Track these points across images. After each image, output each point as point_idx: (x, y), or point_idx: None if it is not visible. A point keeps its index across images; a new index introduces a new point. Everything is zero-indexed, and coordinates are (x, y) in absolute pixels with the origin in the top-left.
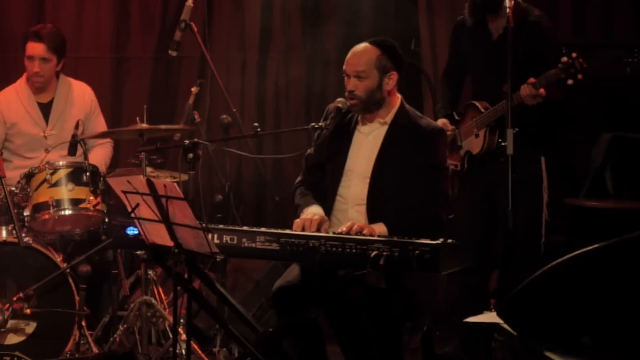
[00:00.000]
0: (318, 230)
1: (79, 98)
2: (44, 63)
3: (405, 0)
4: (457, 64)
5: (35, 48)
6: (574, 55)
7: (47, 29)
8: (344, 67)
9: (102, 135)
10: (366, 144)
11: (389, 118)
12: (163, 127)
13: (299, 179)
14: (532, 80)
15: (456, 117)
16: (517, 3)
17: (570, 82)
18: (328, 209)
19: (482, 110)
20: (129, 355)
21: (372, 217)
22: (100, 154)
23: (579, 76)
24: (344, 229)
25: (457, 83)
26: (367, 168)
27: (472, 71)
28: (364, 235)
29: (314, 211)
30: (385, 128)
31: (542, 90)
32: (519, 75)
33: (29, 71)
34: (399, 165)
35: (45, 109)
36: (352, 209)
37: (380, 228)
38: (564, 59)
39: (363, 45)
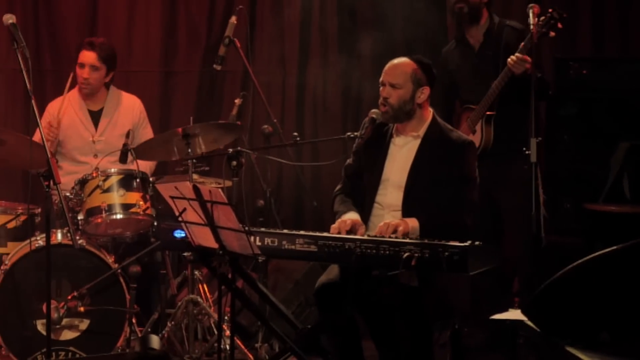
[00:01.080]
0: (353, 233)
1: (129, 109)
2: (93, 71)
3: (436, 24)
4: (451, 89)
5: (87, 56)
6: (550, 10)
7: (100, 40)
8: (381, 77)
9: (150, 145)
10: (400, 155)
11: (421, 132)
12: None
13: (338, 187)
14: (521, 45)
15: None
16: (492, 16)
17: (552, 34)
18: (366, 215)
19: (474, 108)
20: (163, 357)
21: None
22: (148, 162)
23: (559, 25)
24: (379, 230)
25: (452, 108)
26: (402, 178)
27: (462, 84)
28: (397, 236)
29: (350, 217)
30: (418, 141)
31: (527, 57)
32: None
33: (78, 77)
34: (431, 176)
35: (95, 116)
36: (387, 214)
37: (413, 222)
38: (542, 17)
39: (402, 58)
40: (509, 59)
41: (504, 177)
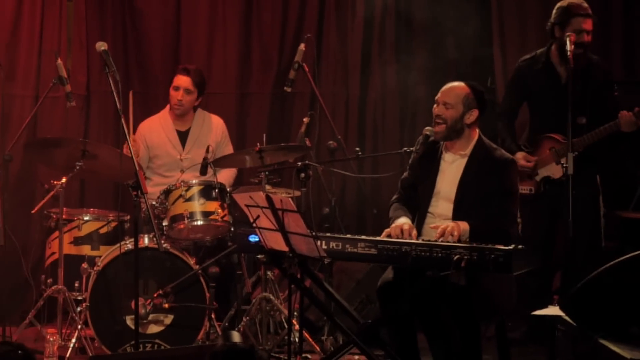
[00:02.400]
0: (408, 237)
1: (213, 128)
2: (186, 94)
3: (484, 46)
4: (518, 102)
5: (182, 80)
6: None
7: (194, 67)
8: (437, 96)
9: (228, 159)
10: (449, 171)
11: (468, 150)
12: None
13: (394, 197)
14: (637, 109)
15: (525, 149)
16: (584, 52)
17: None
18: (420, 223)
19: (562, 141)
20: (249, 351)
21: None
22: (226, 175)
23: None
24: (437, 233)
25: (515, 119)
26: (452, 191)
27: (541, 106)
28: (449, 241)
29: (403, 221)
30: (465, 159)
31: None
32: (591, 109)
33: (172, 99)
34: (477, 190)
35: (183, 136)
36: (439, 222)
37: (464, 225)
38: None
39: (459, 82)
40: (622, 116)
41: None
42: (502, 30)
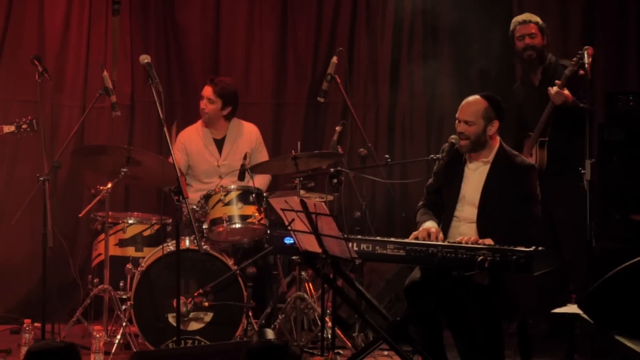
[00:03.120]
0: (435, 239)
1: (247, 135)
2: (209, 103)
3: (508, 56)
4: (518, 121)
5: (206, 90)
6: (574, 58)
7: (220, 78)
8: (457, 114)
9: (265, 165)
10: (473, 177)
11: (490, 158)
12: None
13: (420, 202)
14: (557, 82)
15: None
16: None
17: (581, 72)
18: (446, 226)
19: (530, 134)
20: (283, 347)
21: (481, 233)
22: (263, 180)
23: (587, 66)
24: (462, 240)
25: (521, 137)
26: (476, 196)
27: (527, 116)
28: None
29: (429, 225)
30: (488, 166)
31: (565, 91)
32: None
33: (200, 108)
34: (500, 195)
35: (219, 144)
36: (463, 226)
37: (489, 242)
38: (574, 59)
39: (475, 97)
40: (549, 90)
41: (558, 193)
42: None
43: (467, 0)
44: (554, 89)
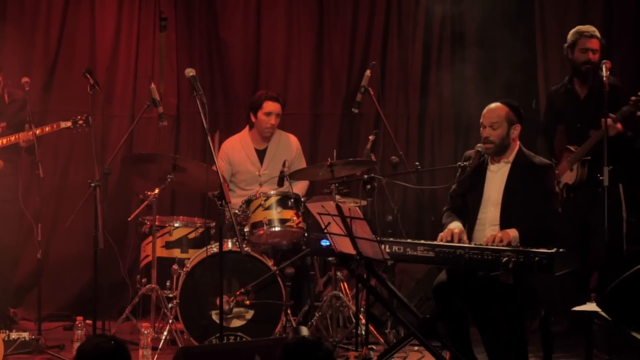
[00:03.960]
0: (459, 239)
1: (287, 146)
2: (277, 118)
3: (530, 70)
4: (552, 122)
5: (274, 107)
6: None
7: (279, 94)
8: (481, 120)
9: (303, 172)
10: (495, 179)
11: (511, 158)
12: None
13: (445, 207)
14: (612, 115)
15: (554, 161)
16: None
17: (639, 113)
18: (470, 229)
19: (574, 150)
20: (317, 342)
21: (504, 229)
22: (300, 186)
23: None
24: (487, 240)
25: (552, 136)
26: (498, 196)
27: (565, 124)
28: (499, 245)
29: (454, 225)
30: (509, 166)
31: (618, 125)
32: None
33: (264, 124)
34: (521, 193)
35: (261, 154)
36: (488, 228)
37: (513, 232)
38: (633, 97)
39: (496, 104)
40: (603, 121)
41: (594, 202)
42: (545, 57)
43: (491, 12)
44: (609, 121)
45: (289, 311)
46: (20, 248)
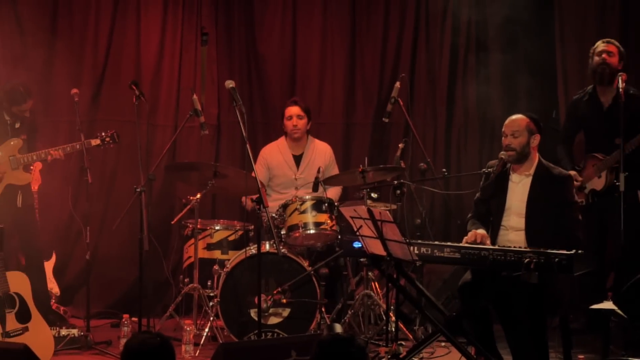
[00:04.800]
0: (481, 242)
1: (322, 153)
2: (299, 119)
3: (551, 81)
4: (573, 130)
5: (293, 109)
6: None
7: (298, 98)
8: (503, 129)
9: (336, 178)
10: (518, 189)
11: (532, 170)
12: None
13: (470, 214)
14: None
15: (577, 168)
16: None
17: None
18: (494, 234)
19: (601, 158)
20: (350, 339)
21: (529, 239)
22: (334, 191)
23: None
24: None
25: (572, 144)
26: (521, 206)
27: (587, 132)
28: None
29: (479, 231)
30: (530, 178)
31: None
32: (627, 132)
33: (288, 127)
34: (544, 203)
35: (297, 159)
36: (511, 233)
37: None
38: None
39: (518, 115)
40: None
41: (613, 207)
42: (564, 69)
43: (513, 25)
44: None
45: (323, 309)
46: (70, 250)
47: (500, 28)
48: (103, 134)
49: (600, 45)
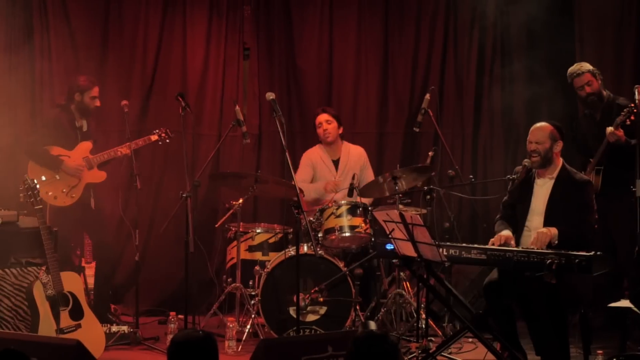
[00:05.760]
0: (506, 245)
1: (357, 157)
2: (328, 124)
3: (572, 92)
4: (580, 146)
5: (322, 116)
6: (631, 105)
7: (325, 106)
8: (528, 137)
9: (370, 185)
10: (541, 192)
11: (555, 174)
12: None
13: (498, 216)
14: (610, 128)
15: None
16: (606, 93)
17: (628, 122)
18: (518, 235)
19: (591, 160)
20: (384, 336)
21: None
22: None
23: (632, 117)
24: (533, 239)
25: (585, 160)
26: (542, 208)
27: (589, 144)
28: (543, 249)
29: (504, 232)
30: (552, 182)
31: (619, 131)
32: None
33: (320, 134)
34: (562, 204)
35: (336, 163)
36: (533, 233)
37: (554, 230)
38: (625, 110)
39: (541, 123)
40: (606, 129)
41: (614, 210)
42: None
43: (536, 39)
44: (609, 129)
45: (357, 307)
46: (120, 252)
47: (523, 39)
48: (158, 130)
49: (576, 80)
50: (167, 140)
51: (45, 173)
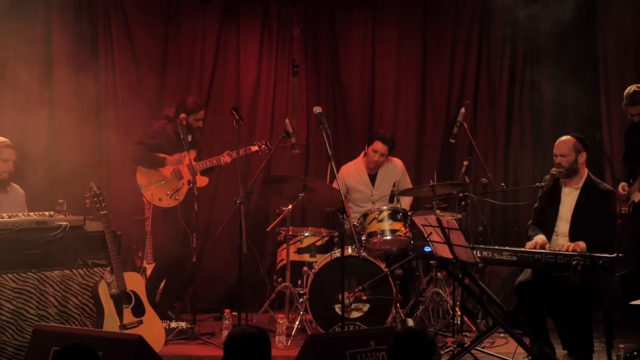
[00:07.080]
0: (542, 248)
1: (394, 168)
2: (381, 157)
3: (595, 106)
4: (629, 152)
5: (381, 147)
6: None
7: (389, 136)
8: (554, 150)
9: (409, 191)
10: (567, 200)
11: (580, 184)
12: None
13: (530, 221)
14: None
15: (631, 182)
16: None
17: None
18: (548, 239)
19: None
20: (422, 332)
21: (572, 242)
22: (406, 201)
23: None
24: (562, 249)
25: (631, 164)
26: (569, 215)
27: (636, 152)
28: (571, 251)
29: (539, 237)
30: (578, 191)
31: None
32: None
33: (371, 157)
34: (587, 212)
35: (372, 178)
36: (560, 239)
37: (582, 244)
38: None
39: (566, 136)
40: None
41: None
42: (607, 95)
43: (564, 57)
44: None
45: (398, 305)
46: (179, 252)
47: (551, 53)
48: (258, 142)
49: (629, 109)
50: (266, 151)
51: (151, 178)
